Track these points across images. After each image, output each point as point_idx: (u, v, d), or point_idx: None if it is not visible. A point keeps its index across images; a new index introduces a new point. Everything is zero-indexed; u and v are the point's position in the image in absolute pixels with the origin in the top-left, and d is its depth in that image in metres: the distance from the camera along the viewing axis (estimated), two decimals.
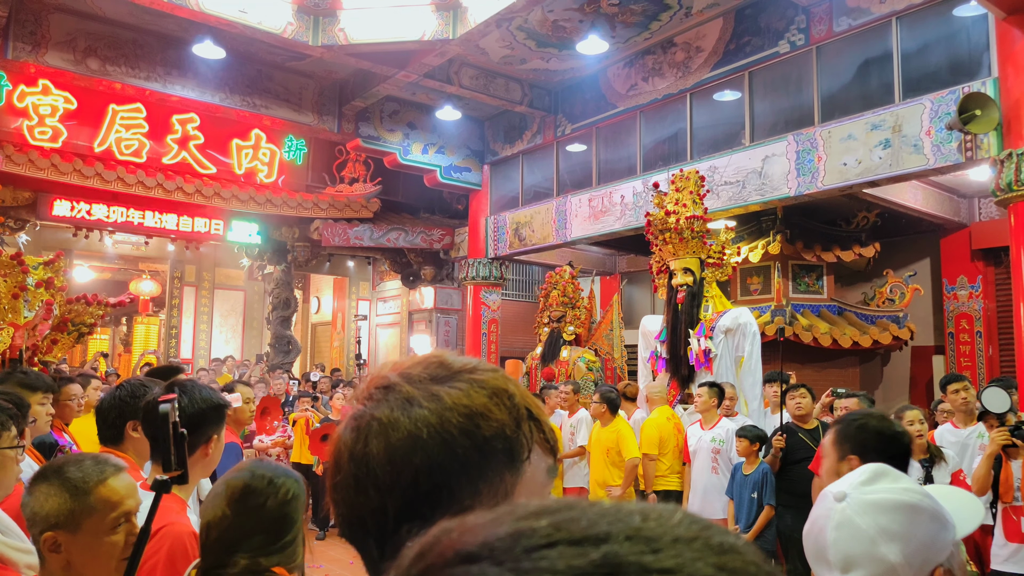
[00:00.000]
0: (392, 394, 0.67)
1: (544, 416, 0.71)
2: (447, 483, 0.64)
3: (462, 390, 0.66)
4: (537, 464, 0.68)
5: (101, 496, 1.54)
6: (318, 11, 9.02)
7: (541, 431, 0.69)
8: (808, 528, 1.22)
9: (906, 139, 7.16)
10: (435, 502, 0.64)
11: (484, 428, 0.65)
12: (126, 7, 8.94)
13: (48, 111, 9.90)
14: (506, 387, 0.68)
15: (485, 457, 0.65)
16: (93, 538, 1.53)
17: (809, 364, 9.12)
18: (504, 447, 0.65)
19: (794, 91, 8.47)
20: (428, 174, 12.12)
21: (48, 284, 4.18)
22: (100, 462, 1.61)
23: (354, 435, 0.67)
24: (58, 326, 4.11)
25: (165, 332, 14.92)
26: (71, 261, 14.01)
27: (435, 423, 0.64)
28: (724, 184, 8.79)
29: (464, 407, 0.65)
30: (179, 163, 10.91)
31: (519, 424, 0.67)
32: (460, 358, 0.71)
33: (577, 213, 10.78)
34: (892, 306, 9.61)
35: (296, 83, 11.12)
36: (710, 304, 6.91)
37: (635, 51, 9.92)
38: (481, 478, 0.64)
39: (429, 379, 0.68)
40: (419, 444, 0.64)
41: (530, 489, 0.67)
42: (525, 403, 0.69)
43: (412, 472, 0.64)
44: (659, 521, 0.39)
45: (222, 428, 1.95)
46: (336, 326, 16.13)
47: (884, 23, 7.57)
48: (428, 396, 0.66)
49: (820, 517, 1.20)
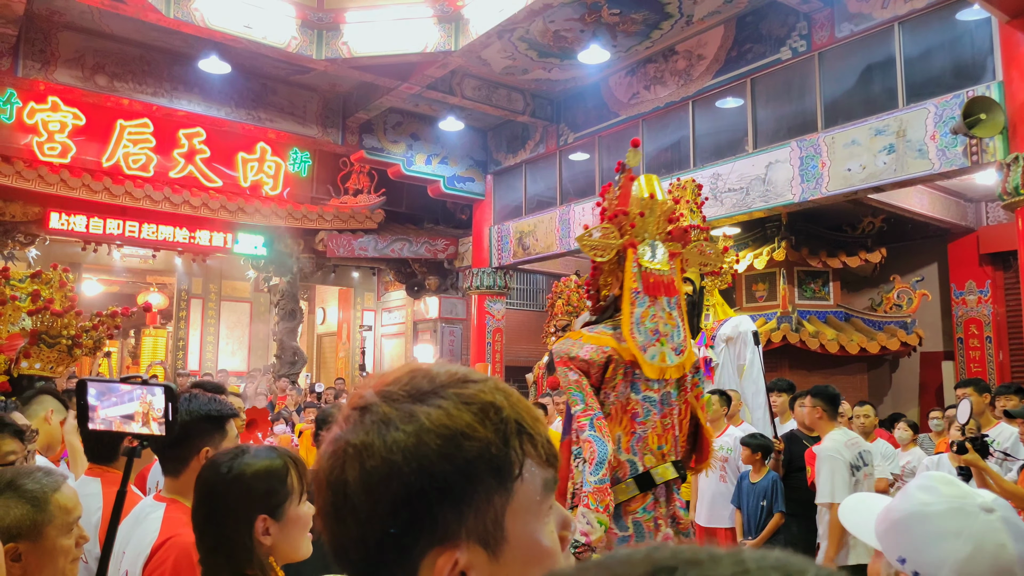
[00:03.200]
0: (368, 415, 0.63)
1: (539, 426, 0.66)
2: (428, 511, 0.60)
3: (443, 408, 0.62)
4: (531, 480, 0.63)
5: (58, 504, 1.61)
6: (322, 25, 9.09)
7: (534, 444, 0.64)
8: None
9: (911, 144, 7.14)
10: (417, 531, 0.60)
11: (466, 449, 0.60)
12: (133, 24, 9.04)
13: (57, 127, 10.00)
14: (494, 400, 0.64)
15: (469, 480, 0.60)
16: (52, 544, 1.59)
17: (816, 371, 9.07)
18: (490, 468, 0.61)
19: (797, 97, 8.47)
20: (432, 185, 12.16)
21: (34, 297, 4.20)
22: (49, 473, 1.68)
23: (331, 462, 0.63)
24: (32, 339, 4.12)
25: (173, 344, 14.99)
26: (80, 275, 14.10)
27: (411, 446, 0.60)
28: (728, 191, 8.77)
29: (443, 427, 0.61)
30: (186, 177, 10.99)
31: (507, 440, 0.62)
32: (447, 369, 0.67)
33: (581, 221, 10.78)
34: (900, 312, 9.55)
35: (300, 96, 11.20)
36: (710, 313, 6.88)
37: (636, 60, 9.94)
38: (465, 503, 0.60)
39: (408, 397, 0.63)
40: (395, 471, 0.60)
41: (525, 507, 0.63)
42: (516, 415, 0.64)
43: (390, 501, 0.60)
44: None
45: (217, 439, 1.93)
46: (341, 336, 16.16)
47: (886, 28, 7.56)
48: (405, 417, 0.62)
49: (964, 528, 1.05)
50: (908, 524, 1.09)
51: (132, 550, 1.80)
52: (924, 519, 1.07)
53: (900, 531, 1.10)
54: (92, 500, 2.16)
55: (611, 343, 3.48)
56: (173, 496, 1.91)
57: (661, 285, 3.60)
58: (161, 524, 1.79)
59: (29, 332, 4.10)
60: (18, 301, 4.22)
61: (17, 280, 4.31)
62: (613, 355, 3.45)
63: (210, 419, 1.92)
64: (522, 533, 0.62)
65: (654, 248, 3.65)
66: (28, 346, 4.08)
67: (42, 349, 4.11)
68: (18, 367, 4.13)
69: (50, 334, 4.12)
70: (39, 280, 4.33)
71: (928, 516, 1.07)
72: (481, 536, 0.61)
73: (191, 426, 1.88)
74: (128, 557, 1.80)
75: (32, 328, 4.12)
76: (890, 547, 1.11)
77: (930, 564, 1.04)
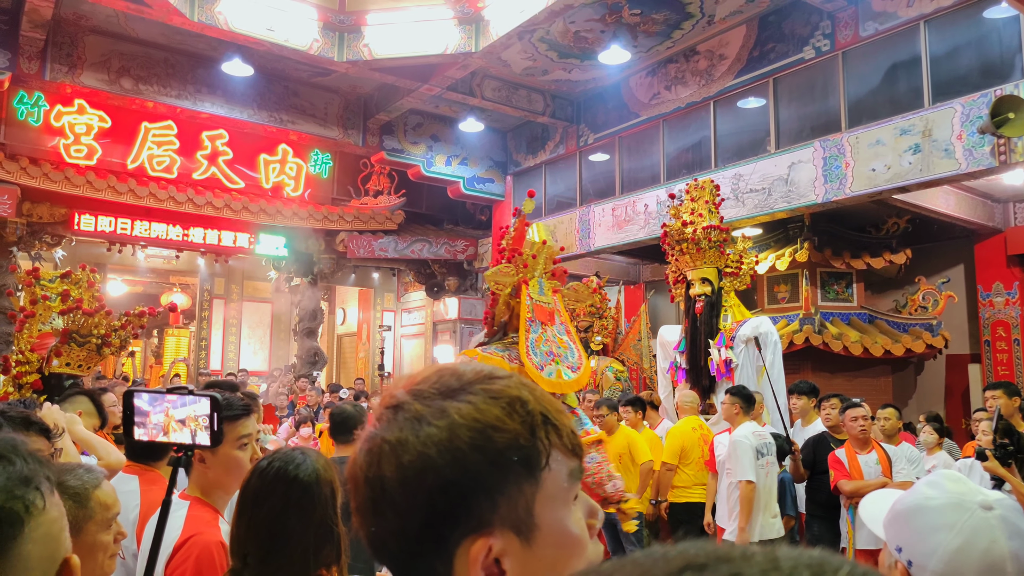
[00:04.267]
0: (401, 413, 0.66)
1: (563, 418, 0.69)
2: (463, 501, 0.63)
3: (472, 403, 0.65)
4: (558, 470, 0.66)
5: (99, 500, 1.66)
6: (343, 27, 9.15)
7: (559, 435, 0.67)
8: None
9: (937, 144, 7.04)
10: (453, 520, 0.63)
11: (496, 441, 0.63)
12: (158, 28, 9.16)
13: (83, 130, 10.16)
14: (520, 394, 0.67)
15: (500, 470, 0.63)
16: (92, 539, 1.62)
17: (840, 373, 8.97)
18: (519, 458, 0.64)
19: (820, 97, 8.38)
20: (451, 185, 12.19)
21: (64, 296, 4.27)
22: (90, 470, 1.72)
23: (367, 458, 0.66)
24: (63, 338, 4.19)
25: (195, 344, 15.15)
26: (105, 275, 14.30)
27: (444, 440, 0.63)
28: (749, 192, 8.70)
29: (474, 421, 0.64)
30: (209, 178, 11.11)
31: (534, 432, 0.65)
32: (473, 367, 0.70)
33: (600, 222, 10.75)
34: (925, 314, 9.41)
35: (322, 98, 11.28)
36: (729, 314, 6.83)
37: (657, 60, 9.90)
38: (498, 492, 0.63)
39: (438, 394, 0.66)
40: (430, 464, 0.63)
41: (553, 495, 0.65)
42: (541, 408, 0.67)
43: (426, 493, 0.63)
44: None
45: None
46: (361, 337, 16.24)
47: (912, 27, 7.47)
48: (436, 413, 0.65)
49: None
50: (908, 516, 1.13)
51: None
52: (922, 511, 1.11)
53: (900, 522, 1.15)
54: (130, 497, 2.19)
55: (502, 363, 4.07)
56: (195, 494, 1.95)
57: (546, 314, 4.36)
58: (184, 522, 1.81)
59: (60, 331, 4.18)
60: (49, 301, 4.30)
61: (47, 280, 4.38)
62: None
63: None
64: (552, 520, 0.65)
65: (540, 284, 4.44)
66: (59, 345, 4.16)
67: (72, 348, 4.17)
68: (49, 365, 4.21)
69: (81, 333, 4.18)
70: (68, 280, 4.40)
71: (927, 509, 1.11)
72: (514, 524, 0.63)
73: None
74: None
75: (63, 327, 4.19)
76: (891, 537, 1.16)
77: (922, 554, 1.08)
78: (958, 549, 1.05)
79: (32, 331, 4.26)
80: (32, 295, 4.31)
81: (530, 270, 4.40)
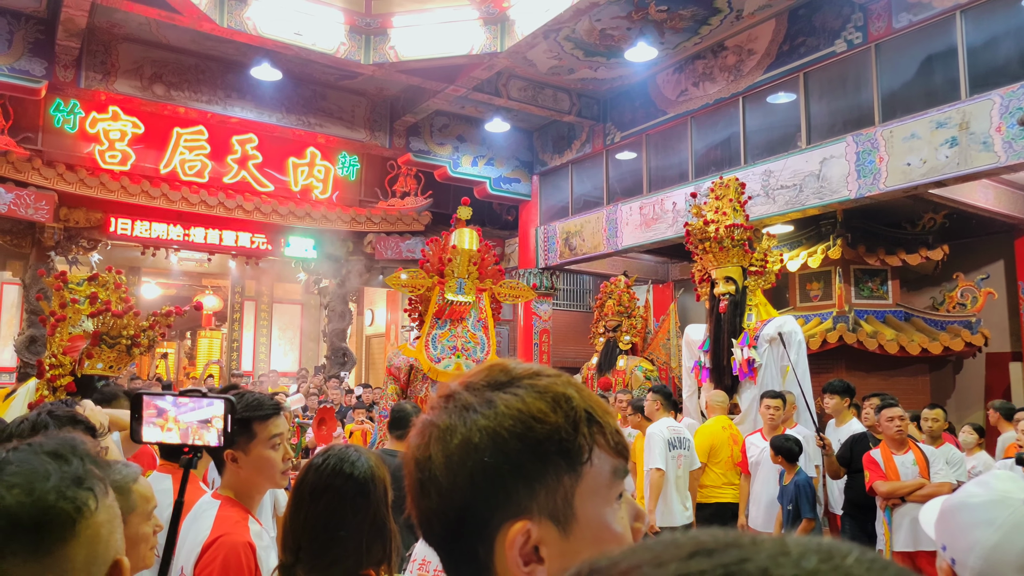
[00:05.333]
0: (452, 402, 0.71)
1: (608, 418, 0.71)
2: (502, 485, 0.66)
3: (518, 395, 0.68)
4: (600, 466, 0.68)
5: (139, 493, 1.70)
6: (369, 30, 9.20)
7: (603, 433, 0.69)
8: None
9: (974, 136, 6.86)
10: (492, 503, 0.66)
11: (537, 432, 0.66)
12: (189, 34, 9.30)
13: (117, 136, 10.36)
14: (565, 391, 0.69)
15: (539, 459, 0.66)
16: (135, 531, 1.65)
17: (875, 372, 8.78)
18: (559, 450, 0.66)
19: (852, 91, 8.22)
20: (478, 186, 12.20)
21: (92, 299, 4.33)
22: (127, 465, 1.77)
23: (419, 441, 0.71)
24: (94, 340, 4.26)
25: (227, 345, 15.38)
26: (139, 278, 14.58)
27: (488, 427, 0.67)
28: (780, 188, 8.57)
29: (517, 411, 0.67)
30: (239, 182, 11.26)
31: (576, 427, 0.68)
32: (523, 365, 0.73)
33: (628, 221, 10.67)
34: (964, 311, 9.17)
35: (349, 101, 11.37)
36: (753, 313, 6.73)
37: (685, 56, 9.80)
38: (537, 480, 0.66)
39: (487, 386, 0.71)
40: (472, 448, 0.67)
41: (594, 491, 0.67)
42: (586, 406, 0.69)
43: (467, 475, 0.66)
44: (834, 562, 0.36)
45: (243, 442, 1.93)
46: (389, 337, 16.33)
47: (947, 17, 7.28)
48: (484, 403, 0.69)
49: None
50: (952, 513, 1.13)
51: (188, 546, 1.83)
52: (965, 508, 1.11)
53: (945, 520, 1.14)
54: (164, 496, 2.22)
55: (417, 355, 4.89)
56: (226, 493, 1.96)
57: (459, 311, 4.94)
58: (213, 522, 1.82)
59: (91, 333, 4.24)
60: (78, 304, 4.37)
61: (75, 284, 4.45)
62: (415, 364, 4.91)
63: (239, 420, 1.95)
64: (592, 514, 0.67)
65: (460, 284, 4.93)
66: (90, 347, 4.22)
67: (103, 349, 4.24)
68: (82, 367, 4.28)
69: (111, 335, 4.25)
70: (96, 283, 4.47)
71: (970, 506, 1.10)
72: (552, 513, 0.66)
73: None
74: (183, 553, 1.83)
75: (93, 329, 4.26)
76: (938, 535, 1.16)
77: (962, 551, 1.07)
78: (996, 545, 1.03)
79: (64, 334, 4.33)
80: (61, 299, 4.38)
81: (448, 272, 4.92)
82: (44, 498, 0.77)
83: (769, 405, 5.46)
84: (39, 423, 2.11)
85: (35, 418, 2.15)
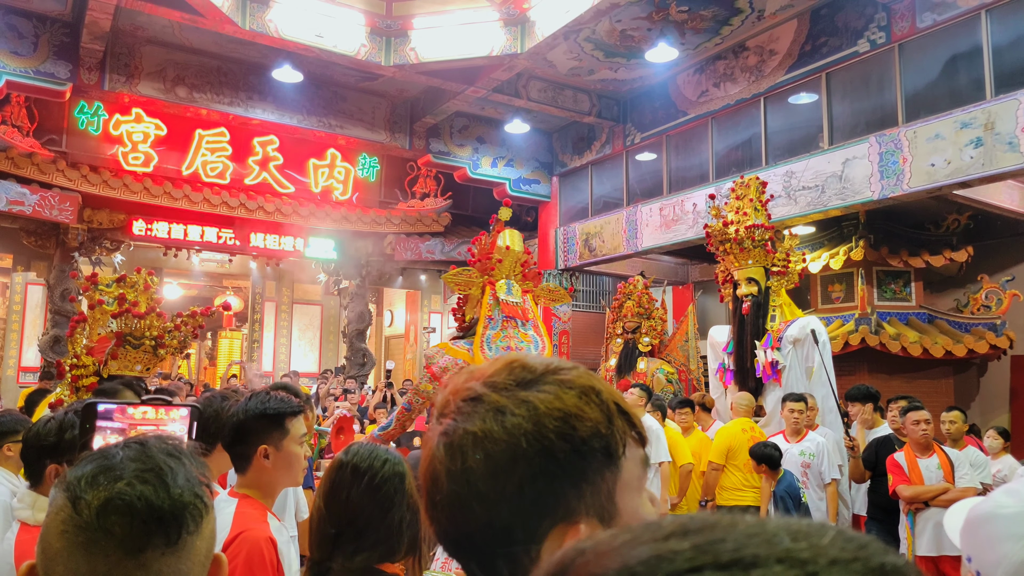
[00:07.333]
0: (481, 405, 0.66)
1: (632, 408, 0.70)
2: (552, 489, 0.63)
3: (551, 393, 0.65)
4: (632, 458, 0.67)
5: None
6: (390, 32, 9.26)
7: (631, 424, 0.68)
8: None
9: (1000, 137, 6.77)
10: (542, 510, 0.63)
11: (580, 429, 0.64)
12: (211, 37, 9.41)
13: (141, 138, 10.50)
14: (592, 384, 0.68)
15: (585, 459, 0.64)
16: None
17: (898, 375, 8.69)
18: (601, 446, 0.65)
19: (875, 91, 8.14)
20: (497, 187, 12.21)
21: (120, 300, 4.37)
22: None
23: (449, 451, 0.65)
24: (119, 341, 4.30)
25: (247, 346, 15.51)
26: (161, 279, 14.74)
27: (532, 430, 0.63)
28: (802, 189, 8.50)
29: (558, 410, 0.64)
30: (260, 183, 11.36)
31: (611, 420, 0.66)
32: (540, 359, 0.70)
33: (648, 222, 10.64)
34: (988, 313, 9.05)
35: (369, 103, 11.43)
36: (776, 314, 6.67)
37: (705, 57, 9.75)
38: (584, 480, 0.64)
39: (515, 385, 0.66)
40: (519, 453, 0.63)
41: (629, 484, 0.66)
42: (613, 398, 0.68)
43: (516, 483, 0.63)
44: (811, 541, 0.36)
45: (276, 437, 1.96)
46: (409, 339, 16.39)
47: (972, 17, 7.19)
48: (518, 403, 0.65)
49: None
50: (978, 524, 1.07)
51: None
52: (993, 520, 1.04)
53: (971, 530, 1.09)
54: None
55: (465, 356, 4.68)
56: (244, 491, 1.97)
57: (514, 311, 4.80)
58: (233, 519, 1.84)
59: (115, 334, 4.29)
60: (105, 305, 4.41)
61: (104, 285, 4.50)
62: (464, 366, 4.77)
63: (266, 417, 1.97)
64: (630, 507, 0.66)
65: (509, 285, 4.91)
66: (115, 348, 4.27)
67: (128, 350, 4.28)
68: (107, 368, 4.33)
69: (134, 336, 4.29)
70: (125, 284, 4.51)
71: (998, 517, 1.04)
72: (598, 511, 0.64)
73: (248, 424, 1.96)
74: None
75: (117, 330, 4.30)
76: (963, 546, 1.10)
77: (989, 564, 1.01)
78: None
79: (92, 335, 4.38)
80: (90, 300, 4.43)
81: (497, 273, 4.88)
82: (180, 494, 0.82)
83: (792, 408, 5.42)
84: (65, 423, 2.14)
85: (62, 418, 2.19)
